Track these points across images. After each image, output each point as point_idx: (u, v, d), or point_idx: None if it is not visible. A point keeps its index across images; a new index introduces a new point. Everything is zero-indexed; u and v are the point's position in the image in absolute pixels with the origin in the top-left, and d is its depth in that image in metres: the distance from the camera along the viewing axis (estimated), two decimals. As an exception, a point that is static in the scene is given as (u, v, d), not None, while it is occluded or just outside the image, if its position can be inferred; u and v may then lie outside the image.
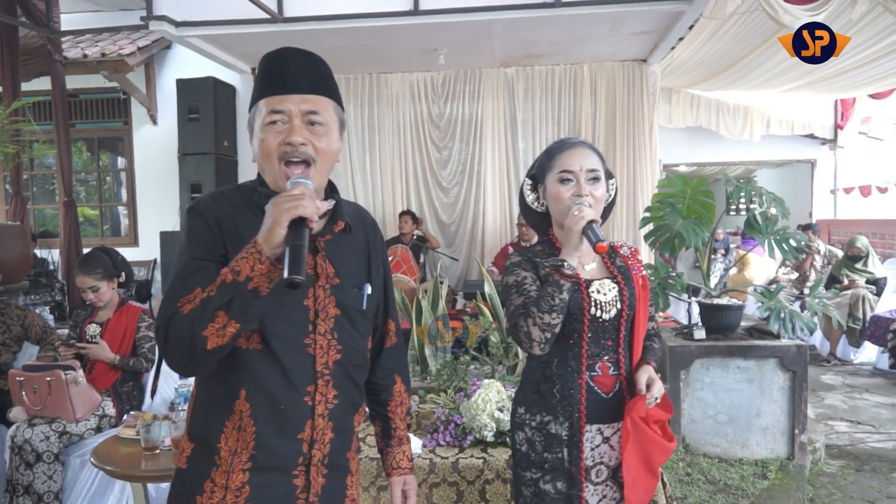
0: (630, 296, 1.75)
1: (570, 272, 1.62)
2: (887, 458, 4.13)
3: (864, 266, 6.85)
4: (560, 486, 1.73)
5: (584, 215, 1.62)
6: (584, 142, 1.81)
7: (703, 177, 7.43)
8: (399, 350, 1.70)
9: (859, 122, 9.62)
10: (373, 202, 7.60)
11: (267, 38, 5.82)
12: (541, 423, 1.75)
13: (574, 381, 1.72)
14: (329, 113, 1.42)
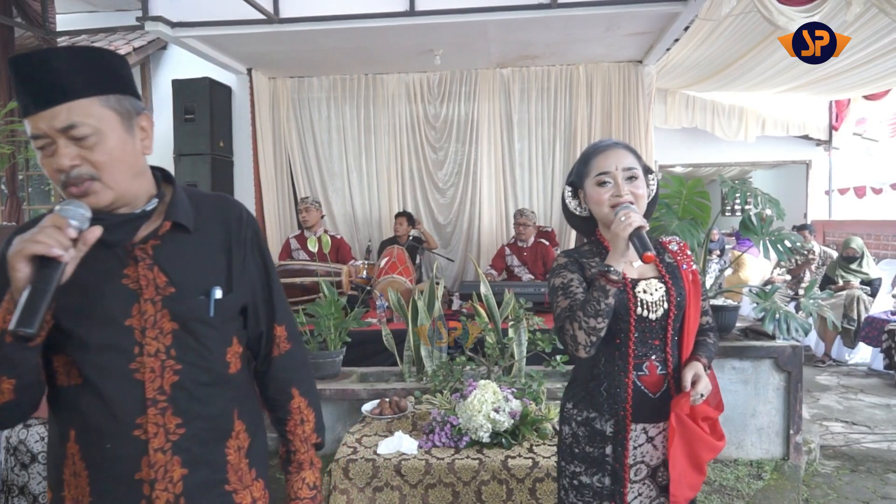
0: (678, 295, 1.74)
1: (615, 278, 1.61)
2: (882, 458, 4.14)
3: (858, 267, 6.87)
4: (602, 480, 1.75)
5: (630, 222, 1.60)
6: (619, 142, 1.80)
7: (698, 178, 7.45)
8: (294, 358, 1.46)
9: (854, 124, 9.65)
10: (369, 203, 7.60)
11: (263, 38, 5.82)
12: (587, 419, 1.77)
13: (621, 381, 1.72)
14: (93, 117, 1.15)
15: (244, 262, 1.37)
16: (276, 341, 1.43)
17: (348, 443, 2.85)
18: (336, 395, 3.82)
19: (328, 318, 3.84)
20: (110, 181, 1.18)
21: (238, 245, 1.36)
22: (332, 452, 2.89)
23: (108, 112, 1.17)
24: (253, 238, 1.41)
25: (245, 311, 1.37)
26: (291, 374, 1.46)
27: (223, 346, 1.31)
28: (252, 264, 1.39)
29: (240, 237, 1.37)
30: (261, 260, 1.42)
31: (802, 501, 3.55)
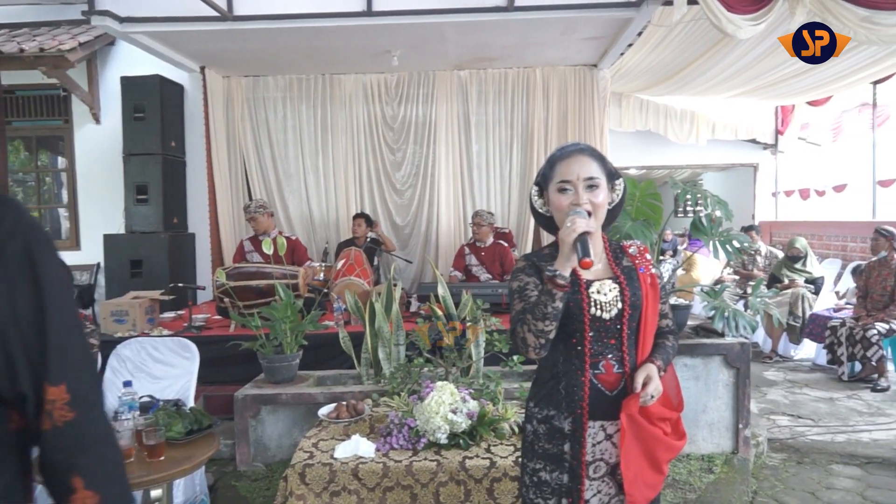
0: (632, 296, 1.78)
1: (562, 282, 1.65)
2: (826, 450, 4.29)
3: (803, 266, 7.09)
4: (561, 477, 1.78)
5: (575, 227, 1.64)
6: (585, 149, 1.82)
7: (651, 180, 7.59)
8: (79, 433, 1.01)
9: (798, 128, 9.98)
10: (326, 204, 7.54)
11: (216, 36, 5.73)
12: (546, 417, 1.81)
13: (578, 379, 1.77)
14: None
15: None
16: (49, 408, 0.99)
17: (304, 448, 2.82)
18: (292, 399, 3.77)
19: (284, 322, 3.79)
20: None
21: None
22: (289, 458, 2.86)
23: None
24: (22, 255, 0.98)
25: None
26: (73, 456, 1.00)
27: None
28: (12, 294, 0.98)
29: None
30: (31, 288, 0.99)
31: (751, 493, 3.65)
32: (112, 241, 6.72)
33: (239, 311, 4.65)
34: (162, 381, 3.58)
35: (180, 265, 6.92)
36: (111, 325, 4.93)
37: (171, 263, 6.69)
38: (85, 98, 7.23)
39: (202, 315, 5.41)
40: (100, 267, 7.21)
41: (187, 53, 6.53)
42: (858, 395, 5.50)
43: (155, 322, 5.18)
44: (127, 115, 6.75)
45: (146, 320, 5.06)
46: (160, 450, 2.52)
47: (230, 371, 4.56)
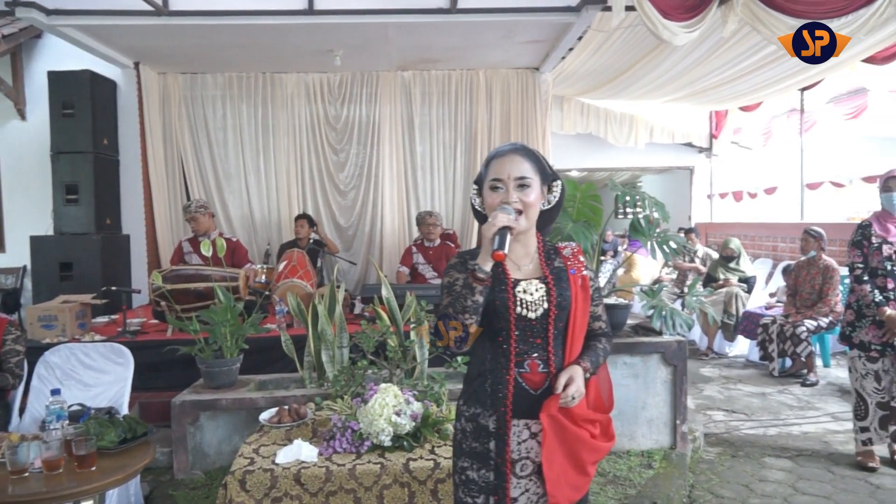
0: (559, 296, 1.80)
1: (482, 276, 1.68)
2: (759, 443, 4.44)
3: (736, 266, 7.33)
4: (487, 475, 1.80)
5: (495, 222, 1.67)
6: (519, 149, 1.84)
7: (591, 182, 7.74)
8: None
9: (732, 133, 10.35)
10: (267, 205, 7.41)
11: (151, 31, 5.56)
12: (473, 415, 1.83)
13: (502, 377, 1.78)
14: None
15: None
16: None
17: (245, 454, 2.76)
18: (232, 404, 3.69)
19: (224, 325, 3.71)
20: None
21: None
22: (229, 465, 2.79)
23: None
24: None
25: None
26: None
27: None
28: None
29: None
30: None
31: (688, 487, 3.75)
32: (39, 243, 6.44)
33: (176, 315, 4.52)
34: (93, 389, 3.45)
35: (114, 268, 6.69)
36: (39, 330, 4.73)
37: (103, 266, 6.45)
38: (9, 93, 6.90)
39: (137, 319, 5.25)
40: (26, 270, 6.91)
41: (120, 48, 6.31)
42: (789, 389, 5.72)
43: (87, 327, 5.00)
44: (55, 111, 6.48)
45: (77, 325, 4.87)
46: (91, 460, 2.43)
47: (167, 377, 4.43)
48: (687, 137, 10.35)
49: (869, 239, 3.85)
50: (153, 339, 4.73)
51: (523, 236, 1.83)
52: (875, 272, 3.83)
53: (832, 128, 8.53)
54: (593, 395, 1.86)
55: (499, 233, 1.67)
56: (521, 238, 1.83)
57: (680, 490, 3.62)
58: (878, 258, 3.80)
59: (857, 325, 3.91)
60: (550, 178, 1.87)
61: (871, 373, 3.87)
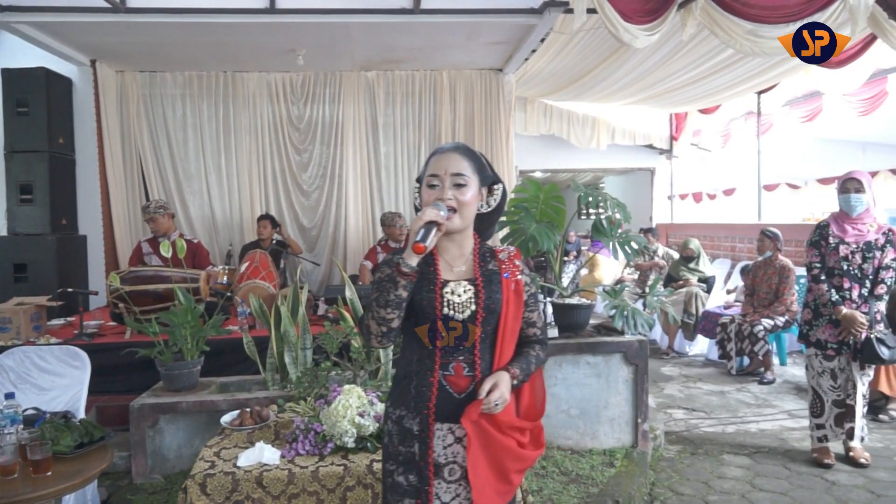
0: (487, 299, 1.77)
1: (406, 270, 1.67)
2: (717, 441, 4.53)
3: (696, 266, 7.47)
4: (412, 479, 1.77)
5: (423, 217, 1.67)
6: (460, 147, 1.83)
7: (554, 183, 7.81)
8: None
9: (691, 135, 10.53)
10: (229, 205, 7.31)
11: (108, 28, 5.44)
12: (399, 418, 1.80)
13: (427, 379, 1.76)
14: None
15: None
16: None
17: (205, 457, 2.72)
18: (193, 407, 3.63)
19: (184, 327, 3.65)
20: None
21: None
22: (189, 469, 2.75)
23: None
24: None
25: None
26: None
27: None
28: None
29: None
30: None
31: (649, 485, 3.81)
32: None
33: (135, 317, 4.43)
34: (49, 392, 3.37)
35: (70, 269, 6.53)
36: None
37: (59, 267, 6.30)
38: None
39: (95, 322, 5.14)
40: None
41: (76, 46, 6.17)
42: (747, 387, 5.84)
43: (42, 329, 4.87)
44: (9, 109, 6.31)
45: (32, 328, 4.74)
46: (47, 465, 2.38)
47: (125, 380, 4.35)
48: (648, 139, 10.52)
49: (826, 239, 3.94)
50: (111, 342, 4.63)
51: (458, 236, 1.81)
52: (832, 272, 3.92)
53: (788, 130, 8.74)
54: (525, 403, 1.84)
55: (424, 226, 1.65)
56: (457, 238, 1.81)
57: (641, 488, 3.67)
58: (835, 258, 3.89)
59: (814, 323, 4.00)
60: (491, 180, 1.86)
61: (828, 371, 3.96)
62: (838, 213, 3.99)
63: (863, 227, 3.87)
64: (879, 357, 3.78)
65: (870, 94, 7.22)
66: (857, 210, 3.87)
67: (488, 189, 1.86)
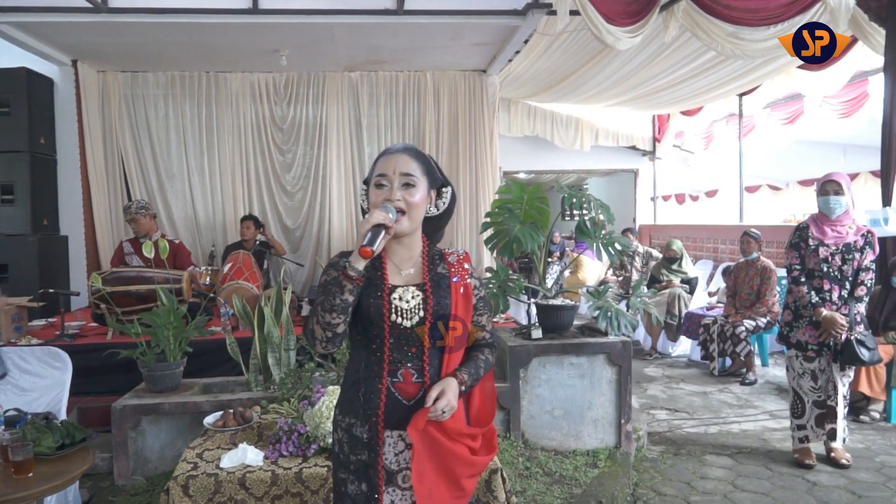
0: (436, 304, 1.74)
1: (353, 274, 1.62)
2: (700, 441, 4.56)
3: (679, 267, 7.52)
4: (362, 487, 1.74)
5: (371, 219, 1.62)
6: (409, 148, 1.81)
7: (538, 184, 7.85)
8: None
9: (674, 136, 10.61)
10: (212, 206, 7.27)
11: (89, 28, 5.40)
12: (348, 426, 1.77)
13: (375, 386, 1.73)
14: None
15: None
16: None
17: (188, 458, 2.70)
18: (175, 408, 3.61)
19: (166, 328, 3.63)
20: None
21: None
22: (171, 470, 2.73)
23: None
24: None
25: None
26: None
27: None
28: None
29: None
30: None
31: (633, 485, 3.83)
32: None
33: (117, 318, 4.40)
34: (30, 394, 3.33)
35: (51, 269, 6.46)
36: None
37: (40, 268, 6.23)
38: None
39: (76, 322, 5.09)
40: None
41: (57, 46, 6.12)
42: (729, 388, 5.88)
43: (23, 330, 4.82)
44: (-11, 109, 6.24)
45: (13, 329, 4.70)
46: (28, 466, 2.37)
47: (107, 381, 4.32)
48: (631, 141, 10.59)
49: (806, 241, 3.97)
50: (93, 343, 4.60)
51: (407, 239, 1.78)
52: (812, 274, 3.94)
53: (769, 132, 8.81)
54: (476, 408, 1.82)
55: (372, 229, 1.61)
56: (405, 241, 1.78)
57: (624, 489, 3.69)
58: (815, 260, 3.92)
59: (795, 325, 4.03)
60: (440, 182, 1.84)
61: (808, 372, 4.00)
62: (817, 215, 4.02)
63: (842, 229, 3.90)
64: (859, 358, 3.82)
65: (850, 97, 7.30)
66: (836, 212, 3.91)
67: (437, 192, 1.83)
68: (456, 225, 7.29)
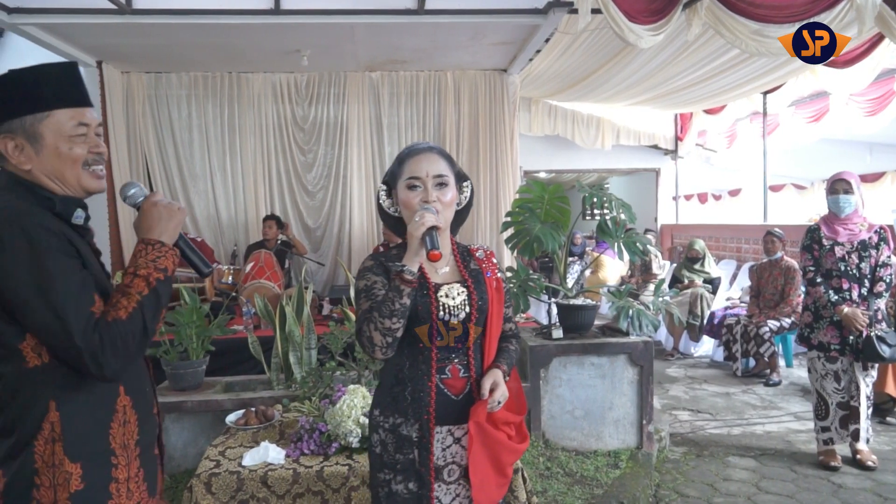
0: (479, 300, 1.78)
1: (410, 277, 1.64)
2: (723, 443, 4.52)
3: (701, 267, 7.45)
4: (411, 486, 1.76)
5: (423, 222, 1.64)
6: (434, 147, 1.83)
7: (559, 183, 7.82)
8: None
9: (696, 135, 10.50)
10: (234, 205, 7.33)
11: (114, 30, 5.46)
12: (393, 425, 1.78)
13: (424, 384, 1.76)
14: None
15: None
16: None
17: (211, 456, 2.73)
18: (198, 406, 3.64)
19: (189, 327, 3.66)
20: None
21: None
22: (194, 468, 2.76)
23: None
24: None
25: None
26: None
27: None
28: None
29: None
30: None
31: (654, 487, 3.80)
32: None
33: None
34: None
35: (76, 270, 6.55)
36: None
37: (65, 268, 6.31)
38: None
39: (100, 322, 5.13)
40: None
41: (82, 47, 6.19)
42: (752, 389, 5.82)
43: (47, 330, 4.87)
44: (16, 110, 6.33)
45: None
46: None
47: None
48: (653, 140, 10.50)
49: (819, 242, 3.95)
50: (116, 342, 4.64)
51: (440, 233, 1.80)
52: (830, 273, 3.91)
53: (794, 131, 8.71)
54: (514, 397, 1.86)
55: (428, 233, 1.64)
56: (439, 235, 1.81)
57: (646, 490, 3.66)
58: (831, 259, 3.89)
59: (815, 326, 3.99)
60: (462, 178, 1.87)
61: (831, 373, 3.95)
62: (828, 216, 4.02)
63: (854, 227, 3.89)
64: (880, 355, 3.77)
65: (877, 94, 7.19)
66: (845, 211, 3.90)
67: (459, 187, 1.86)
68: (476, 224, 7.28)
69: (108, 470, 1.43)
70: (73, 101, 1.48)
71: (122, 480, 1.45)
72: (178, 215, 1.52)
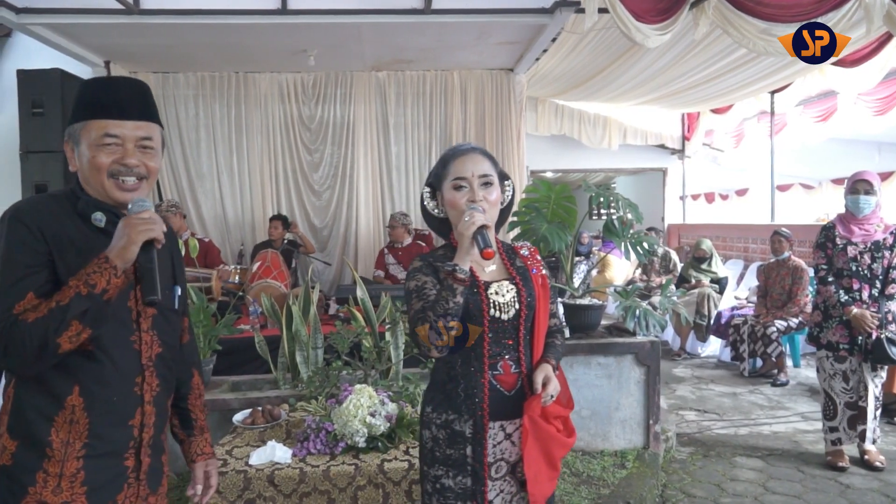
0: (528, 296, 1.81)
1: (462, 276, 1.66)
2: (730, 443, 4.50)
3: (708, 267, 7.43)
4: (464, 481, 1.78)
5: (474, 221, 1.67)
6: (477, 147, 1.86)
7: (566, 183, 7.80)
8: (194, 346, 1.92)
9: (703, 135, 10.47)
10: (241, 205, 7.35)
11: (122, 30, 5.48)
12: (446, 422, 1.81)
13: (477, 381, 1.78)
14: (157, 138, 1.61)
15: (180, 267, 1.77)
16: (185, 331, 1.82)
17: (218, 455, 2.73)
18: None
19: (196, 326, 3.67)
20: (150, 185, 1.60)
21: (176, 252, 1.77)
22: (201, 466, 2.76)
23: (160, 139, 1.64)
24: (177, 244, 1.82)
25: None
26: (194, 357, 1.90)
27: (178, 331, 1.75)
28: (181, 268, 1.78)
29: (173, 244, 1.76)
30: (181, 263, 1.80)
31: (661, 487, 3.79)
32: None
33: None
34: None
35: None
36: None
37: (74, 267, 6.34)
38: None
39: (108, 321, 5.15)
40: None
41: (90, 47, 6.22)
42: (760, 389, 5.80)
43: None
44: (24, 110, 6.34)
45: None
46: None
47: (138, 379, 4.36)
48: (659, 139, 10.47)
49: (833, 241, 3.92)
50: (124, 341, 4.65)
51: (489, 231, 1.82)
52: (841, 273, 3.89)
53: (802, 130, 8.67)
54: (563, 391, 1.88)
55: (479, 231, 1.67)
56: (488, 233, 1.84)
57: (652, 490, 3.65)
58: (843, 259, 3.87)
59: (825, 325, 3.97)
60: (504, 177, 1.90)
61: (839, 373, 3.93)
62: (844, 214, 3.98)
63: (870, 227, 3.86)
64: (890, 357, 3.75)
65: (885, 94, 7.15)
66: (864, 211, 3.87)
67: (502, 186, 1.88)
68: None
69: (39, 459, 1.47)
70: (107, 113, 1.55)
71: (53, 474, 1.47)
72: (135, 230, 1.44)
